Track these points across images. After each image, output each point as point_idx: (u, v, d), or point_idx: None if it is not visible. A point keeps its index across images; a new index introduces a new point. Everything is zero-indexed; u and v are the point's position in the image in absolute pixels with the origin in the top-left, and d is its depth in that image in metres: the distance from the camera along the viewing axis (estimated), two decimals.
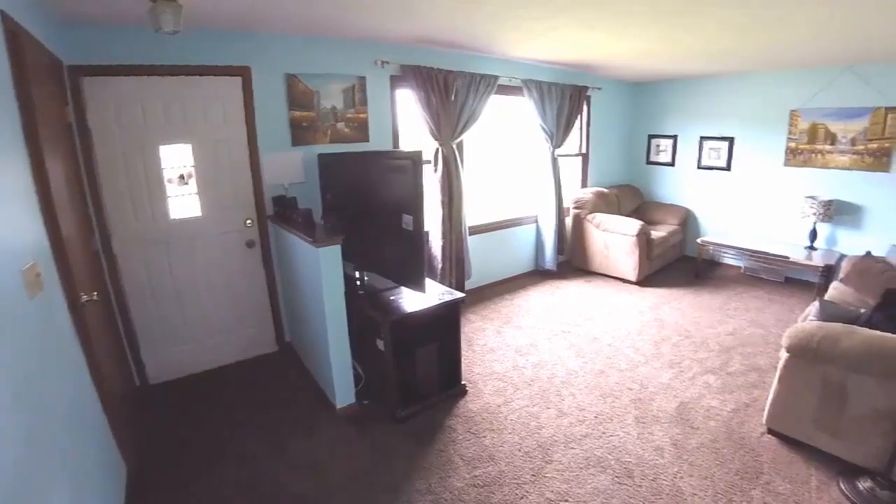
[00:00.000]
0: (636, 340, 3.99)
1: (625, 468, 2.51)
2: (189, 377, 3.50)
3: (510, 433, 2.82)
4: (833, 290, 3.78)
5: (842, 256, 4.65)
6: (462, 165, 4.51)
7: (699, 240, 5.74)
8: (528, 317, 4.52)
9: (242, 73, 3.33)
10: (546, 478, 2.46)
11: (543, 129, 5.20)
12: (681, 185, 6.45)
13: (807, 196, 5.11)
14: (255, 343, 3.79)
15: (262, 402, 3.18)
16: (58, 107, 2.46)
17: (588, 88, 5.64)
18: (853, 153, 4.83)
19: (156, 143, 3.15)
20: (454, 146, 4.37)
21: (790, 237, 5.38)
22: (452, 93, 4.20)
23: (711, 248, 5.71)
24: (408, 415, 2.96)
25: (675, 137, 6.37)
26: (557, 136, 5.32)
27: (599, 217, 5.61)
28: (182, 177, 3.31)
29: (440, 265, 4.45)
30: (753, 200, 5.72)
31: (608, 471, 2.49)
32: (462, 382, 3.26)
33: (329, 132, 3.80)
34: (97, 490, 1.93)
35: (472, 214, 4.89)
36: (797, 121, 5.16)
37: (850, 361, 2.32)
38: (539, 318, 4.47)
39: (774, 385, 2.66)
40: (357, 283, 3.25)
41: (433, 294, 3.05)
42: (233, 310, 3.64)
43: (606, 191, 6.13)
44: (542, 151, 5.38)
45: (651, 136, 6.66)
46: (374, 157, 3.41)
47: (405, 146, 4.32)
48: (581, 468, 2.52)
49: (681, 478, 2.43)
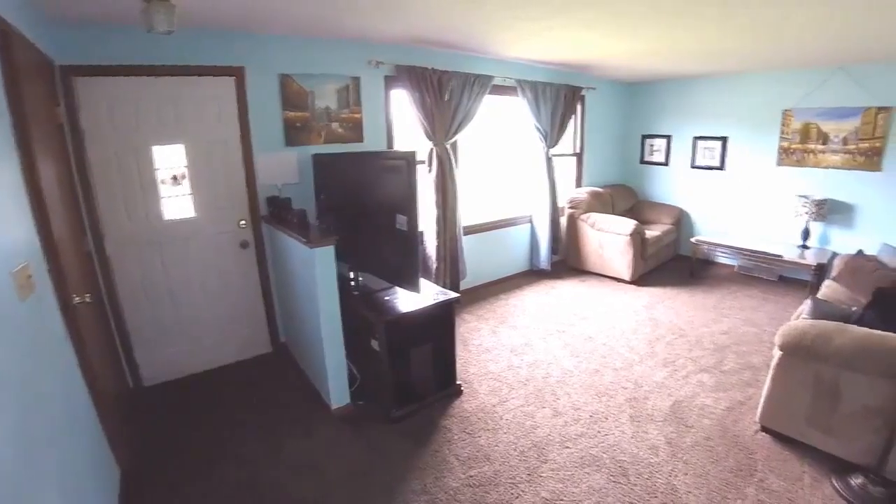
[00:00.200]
0: (631, 339, 4.01)
1: (620, 467, 2.52)
2: (183, 378, 3.48)
3: (505, 433, 2.82)
4: (826, 289, 3.81)
5: (834, 255, 4.69)
6: (456, 165, 4.52)
7: (693, 239, 5.77)
8: (523, 316, 4.53)
9: (236, 74, 3.32)
10: (541, 477, 2.46)
11: (538, 129, 5.21)
12: (675, 185, 6.47)
13: (799, 195, 5.14)
14: (250, 344, 3.78)
15: (257, 403, 3.17)
16: (49, 107, 2.44)
17: (582, 88, 5.66)
18: (845, 153, 4.87)
19: (149, 144, 3.13)
20: (448, 146, 4.37)
21: (783, 236, 5.41)
22: (447, 93, 4.20)
23: (705, 248, 5.73)
24: (403, 415, 2.95)
25: (669, 137, 6.40)
26: (552, 136, 5.33)
27: (594, 217, 5.63)
28: (175, 177, 3.30)
29: (435, 265, 4.45)
30: (747, 200, 5.76)
31: (603, 470, 2.50)
32: (457, 382, 3.26)
33: (323, 132, 3.79)
34: (89, 493, 1.91)
35: (467, 214, 4.89)
36: (790, 120, 5.19)
37: (843, 359, 2.34)
38: (534, 318, 4.48)
39: (768, 383, 2.68)
40: (351, 284, 3.24)
41: (428, 294, 3.05)
42: (227, 311, 3.62)
43: (601, 190, 6.15)
44: (537, 151, 5.39)
45: (645, 136, 6.68)
46: (369, 158, 3.42)
47: (399, 146, 4.31)
48: (576, 467, 2.52)
49: (675, 476, 2.44)
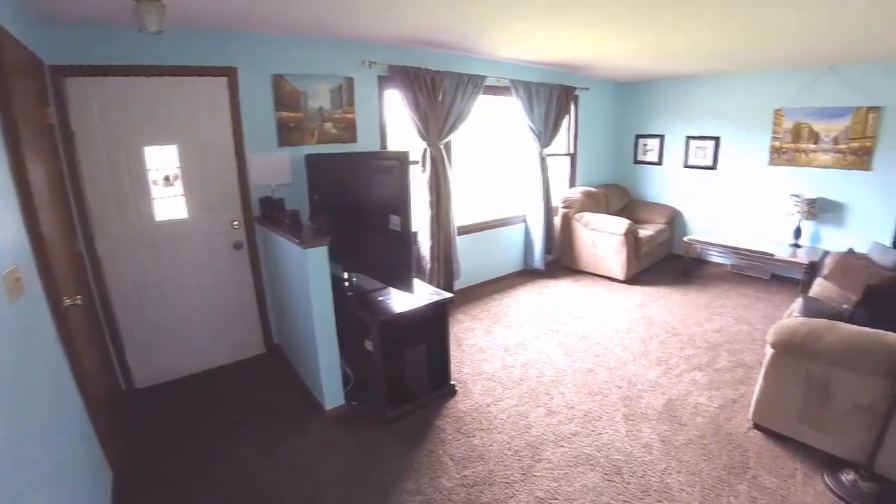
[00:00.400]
0: (624, 338, 4.02)
1: (614, 465, 2.52)
2: (176, 380, 3.46)
3: (499, 432, 2.82)
4: (817, 287, 3.84)
5: (825, 253, 4.72)
6: (450, 166, 4.52)
7: (686, 238, 5.81)
8: (517, 316, 4.53)
9: (228, 74, 3.30)
10: (535, 476, 2.46)
11: (531, 129, 5.22)
12: (668, 185, 6.50)
13: (791, 194, 5.18)
14: (243, 345, 3.76)
15: (251, 405, 3.16)
16: (39, 107, 2.42)
17: (576, 89, 5.67)
18: (836, 152, 4.91)
19: (141, 145, 3.11)
20: (442, 146, 4.37)
21: (775, 235, 5.45)
22: (440, 93, 4.20)
23: (698, 247, 5.76)
24: (397, 415, 2.95)
25: (662, 137, 6.43)
26: (545, 136, 5.34)
27: (587, 216, 5.64)
28: (168, 178, 3.28)
29: (429, 265, 4.45)
30: (739, 199, 5.79)
31: (597, 468, 2.51)
32: (451, 382, 3.26)
33: (316, 133, 3.78)
34: (80, 495, 1.90)
35: (461, 214, 4.89)
36: (781, 120, 5.23)
37: (833, 357, 2.35)
38: (528, 318, 4.49)
39: (760, 381, 2.70)
40: (345, 284, 3.24)
41: (421, 294, 3.05)
42: (220, 312, 3.61)
43: (594, 190, 6.17)
44: (531, 151, 5.40)
45: (638, 136, 6.71)
46: (362, 158, 3.41)
47: (393, 146, 4.31)
48: (570, 466, 2.53)
49: (669, 474, 2.45)
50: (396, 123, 4.28)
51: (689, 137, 6.11)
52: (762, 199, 5.57)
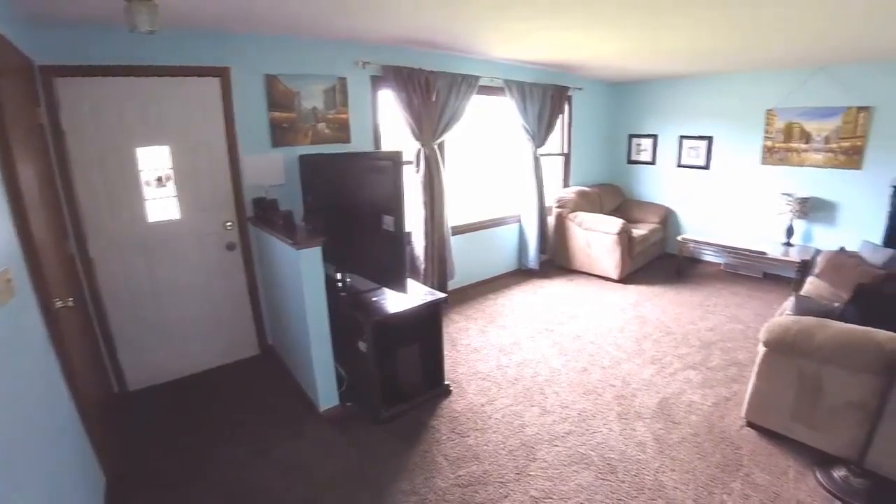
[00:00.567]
0: (618, 338, 4.03)
1: (608, 464, 2.53)
2: (170, 382, 3.44)
3: (494, 432, 2.83)
4: (809, 285, 3.86)
5: (817, 252, 4.75)
6: (444, 166, 4.52)
7: (680, 237, 5.83)
8: (512, 316, 4.54)
9: (221, 74, 3.29)
10: (530, 476, 2.47)
11: (525, 129, 5.23)
12: (661, 184, 6.53)
13: (783, 193, 5.21)
14: (237, 346, 3.75)
15: (246, 406, 3.15)
16: (29, 107, 2.40)
17: (569, 89, 5.69)
18: (827, 151, 4.94)
19: (133, 145, 3.10)
20: (436, 146, 4.37)
21: (768, 234, 5.49)
22: (434, 93, 4.20)
23: (692, 246, 5.79)
24: (391, 416, 2.95)
25: (656, 137, 6.45)
26: (539, 136, 5.35)
27: (581, 216, 5.66)
28: (160, 179, 3.26)
29: (423, 266, 4.45)
30: (732, 198, 5.83)
31: (591, 467, 2.51)
32: (446, 382, 3.26)
33: (310, 133, 3.77)
34: (72, 498, 1.89)
35: (455, 214, 4.90)
36: (773, 120, 5.27)
37: (825, 354, 2.37)
38: (522, 317, 4.50)
39: (753, 379, 2.71)
40: (339, 285, 3.23)
41: (415, 295, 3.04)
42: (214, 313, 3.59)
43: (588, 190, 6.19)
44: (524, 151, 5.41)
45: (632, 136, 6.73)
46: (355, 158, 3.41)
47: (387, 147, 4.31)
48: (564, 465, 2.54)
49: (663, 472, 2.46)
50: (390, 124, 4.28)
51: (683, 137, 6.14)
52: (755, 199, 5.61)
